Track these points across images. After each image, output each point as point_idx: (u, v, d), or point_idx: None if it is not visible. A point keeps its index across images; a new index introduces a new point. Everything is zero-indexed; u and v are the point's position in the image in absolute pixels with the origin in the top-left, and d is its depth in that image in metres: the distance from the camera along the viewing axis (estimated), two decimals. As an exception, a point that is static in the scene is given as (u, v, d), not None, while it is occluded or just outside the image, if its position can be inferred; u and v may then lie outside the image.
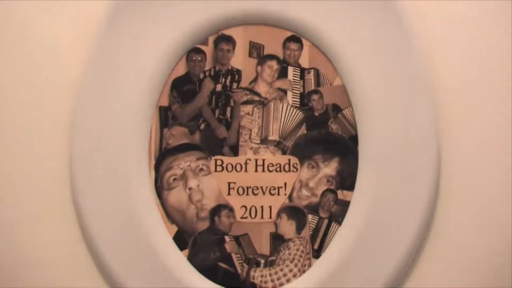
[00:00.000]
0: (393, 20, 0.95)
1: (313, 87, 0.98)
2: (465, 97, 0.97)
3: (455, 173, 0.96)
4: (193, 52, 0.97)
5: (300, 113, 0.97)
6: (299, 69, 0.98)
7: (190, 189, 0.96)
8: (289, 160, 0.97)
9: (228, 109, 0.98)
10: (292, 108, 0.98)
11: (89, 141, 0.94)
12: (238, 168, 0.96)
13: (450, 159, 0.96)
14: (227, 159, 0.97)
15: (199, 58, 0.98)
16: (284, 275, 0.95)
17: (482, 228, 0.96)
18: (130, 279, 0.93)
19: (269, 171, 0.96)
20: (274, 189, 0.96)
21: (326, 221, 0.96)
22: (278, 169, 0.96)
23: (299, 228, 0.96)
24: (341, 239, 0.94)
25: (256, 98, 0.98)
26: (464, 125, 0.97)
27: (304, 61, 0.98)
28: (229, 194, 0.96)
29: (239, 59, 0.98)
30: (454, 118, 0.96)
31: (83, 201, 0.94)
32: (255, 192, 0.96)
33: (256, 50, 0.98)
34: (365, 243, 0.93)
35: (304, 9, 0.96)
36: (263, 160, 0.97)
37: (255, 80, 0.98)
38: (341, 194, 0.96)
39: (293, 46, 0.98)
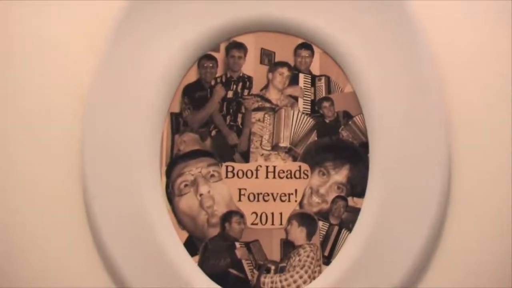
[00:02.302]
0: (404, 27, 0.94)
1: (324, 94, 0.98)
2: (477, 103, 0.96)
3: (465, 180, 0.95)
4: (204, 59, 0.98)
5: (311, 120, 0.98)
6: (310, 76, 0.98)
7: (201, 195, 0.96)
8: (300, 166, 0.97)
9: (239, 115, 0.98)
10: (303, 115, 0.98)
11: (100, 147, 0.94)
12: (249, 174, 0.96)
13: (461, 166, 0.95)
14: (238, 166, 0.97)
15: (211, 65, 0.98)
16: (294, 281, 0.95)
17: (493, 233, 0.95)
18: (140, 284, 0.93)
19: (280, 177, 0.96)
20: (285, 195, 0.96)
21: (336, 228, 0.96)
22: (288, 176, 0.96)
23: (310, 235, 0.96)
24: (351, 246, 0.94)
25: (267, 105, 0.98)
26: (475, 132, 0.96)
27: (315, 68, 0.98)
28: (240, 200, 0.96)
29: (251, 66, 0.98)
30: (465, 124, 0.96)
31: (95, 207, 0.94)
32: (266, 198, 0.96)
33: (267, 57, 0.98)
34: (375, 250, 0.93)
35: (315, 17, 0.95)
36: (274, 167, 0.97)
37: (266, 87, 0.98)
38: (352, 201, 0.96)
39: (304, 53, 0.98)
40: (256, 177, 0.96)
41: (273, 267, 0.95)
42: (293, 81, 0.98)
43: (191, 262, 0.95)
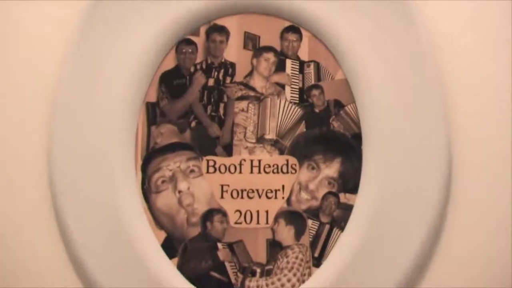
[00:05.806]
0: (402, 9, 0.94)
1: (313, 82, 0.97)
2: (476, 93, 0.95)
3: (467, 174, 0.94)
4: (183, 44, 0.97)
5: (299, 109, 0.96)
6: (298, 62, 0.97)
7: (180, 192, 0.95)
8: (287, 160, 0.95)
9: (221, 105, 0.97)
10: (290, 104, 0.97)
11: (69, 140, 0.93)
12: (232, 169, 0.95)
13: (462, 158, 0.94)
14: (220, 160, 0.95)
15: (190, 50, 0.97)
16: (282, 285, 0.93)
17: (495, 231, 0.94)
18: (115, 289, 0.95)
19: (266, 172, 0.95)
20: (271, 192, 0.95)
21: (327, 227, 0.95)
22: (275, 171, 0.95)
23: (298, 234, 0.94)
24: (343, 246, 0.93)
25: (252, 93, 0.97)
26: (476, 122, 0.95)
27: (303, 54, 0.97)
28: (222, 197, 0.95)
29: (233, 51, 0.97)
30: (465, 114, 0.95)
31: (64, 205, 0.92)
32: (250, 195, 0.95)
33: (251, 42, 0.97)
34: (369, 251, 0.91)
35: (303, -3, 0.94)
36: (259, 161, 0.95)
37: (250, 74, 0.97)
38: (344, 197, 0.95)
39: (292, 37, 0.97)
40: (240, 172, 0.95)
41: (258, 270, 0.94)
42: (280, 67, 0.97)
43: (169, 264, 0.93)
